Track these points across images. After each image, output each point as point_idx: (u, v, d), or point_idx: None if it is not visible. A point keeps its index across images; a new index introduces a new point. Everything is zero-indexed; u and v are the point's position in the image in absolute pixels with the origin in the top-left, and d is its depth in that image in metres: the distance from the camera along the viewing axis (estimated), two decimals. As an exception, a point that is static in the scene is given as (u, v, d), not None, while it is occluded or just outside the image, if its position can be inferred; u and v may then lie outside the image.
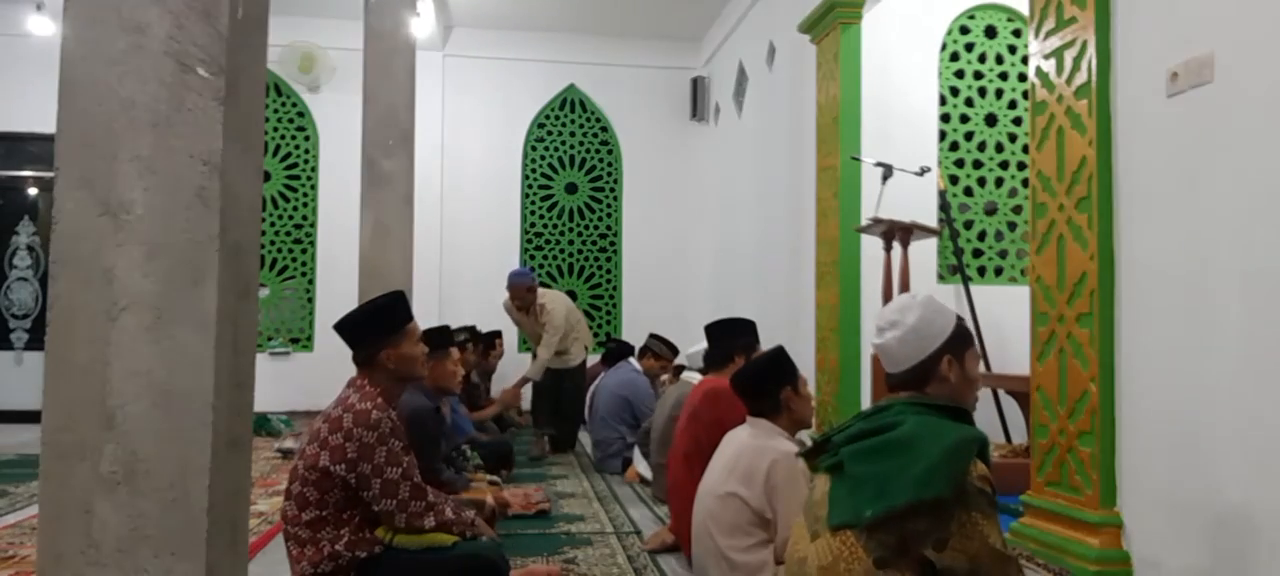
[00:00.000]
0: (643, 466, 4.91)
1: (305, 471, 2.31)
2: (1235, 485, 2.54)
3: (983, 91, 5.44)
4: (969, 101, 5.43)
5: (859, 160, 4.80)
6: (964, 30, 5.42)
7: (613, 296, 8.81)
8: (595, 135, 8.82)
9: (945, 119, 5.39)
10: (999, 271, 5.47)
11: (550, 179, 8.75)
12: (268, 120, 8.15)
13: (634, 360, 5.98)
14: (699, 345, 4.24)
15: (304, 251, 8.23)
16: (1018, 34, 5.42)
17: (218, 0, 1.43)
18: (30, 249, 7.94)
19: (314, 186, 8.26)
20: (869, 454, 1.71)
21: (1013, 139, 5.46)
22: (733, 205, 7.64)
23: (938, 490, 1.58)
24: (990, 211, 5.48)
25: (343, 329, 2.50)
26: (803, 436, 2.96)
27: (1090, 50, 3.05)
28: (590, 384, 6.26)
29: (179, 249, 1.41)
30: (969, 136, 5.43)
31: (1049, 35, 3.27)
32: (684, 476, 3.24)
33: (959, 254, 5.25)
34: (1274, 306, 2.42)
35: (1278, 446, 2.41)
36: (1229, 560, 2.56)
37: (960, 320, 1.90)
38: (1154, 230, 2.85)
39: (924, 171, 4.45)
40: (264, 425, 6.63)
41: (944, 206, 5.26)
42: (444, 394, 3.83)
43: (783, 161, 6.28)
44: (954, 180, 5.39)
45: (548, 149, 8.74)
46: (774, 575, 2.48)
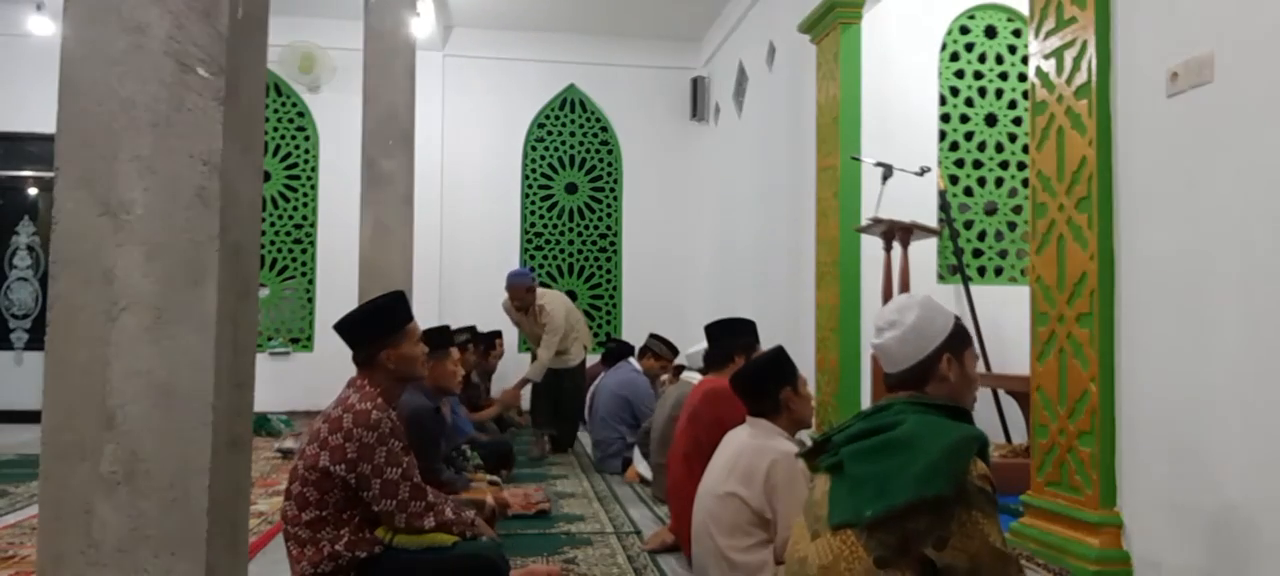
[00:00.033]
0: (643, 466, 4.91)
1: (305, 471, 2.31)
2: (1235, 485, 2.54)
3: (983, 91, 5.44)
4: (969, 101, 5.42)
5: (859, 160, 4.80)
6: (964, 30, 5.42)
7: (613, 296, 8.81)
8: (595, 135, 8.82)
9: (945, 119, 5.39)
10: (999, 271, 5.47)
11: (550, 179, 8.75)
12: (268, 120, 8.15)
13: (634, 360, 5.98)
14: (699, 345, 4.24)
15: (304, 251, 8.23)
16: (1018, 34, 5.42)
17: (218, 0, 1.43)
18: (30, 249, 7.94)
19: (314, 186, 8.26)
20: (869, 453, 1.72)
21: (1013, 139, 5.46)
22: (733, 205, 7.64)
23: (938, 488, 1.59)
24: (990, 211, 5.48)
25: (343, 329, 2.51)
26: (803, 436, 2.96)
27: (1090, 50, 3.05)
28: (590, 384, 6.26)
29: (179, 249, 1.41)
30: (969, 136, 5.43)
31: (1049, 35, 3.27)
32: (684, 476, 3.24)
33: (959, 254, 5.25)
34: (1274, 306, 2.43)
35: (1278, 446, 2.41)
36: (1229, 560, 2.56)
37: (958, 320, 1.91)
38: (1154, 230, 2.85)
39: (924, 171, 4.45)
40: (264, 425, 6.63)
41: (944, 206, 5.26)
42: (444, 394, 3.83)
43: (783, 161, 6.28)
44: (954, 180, 5.39)
45: (548, 149, 8.74)
46: (774, 575, 2.48)
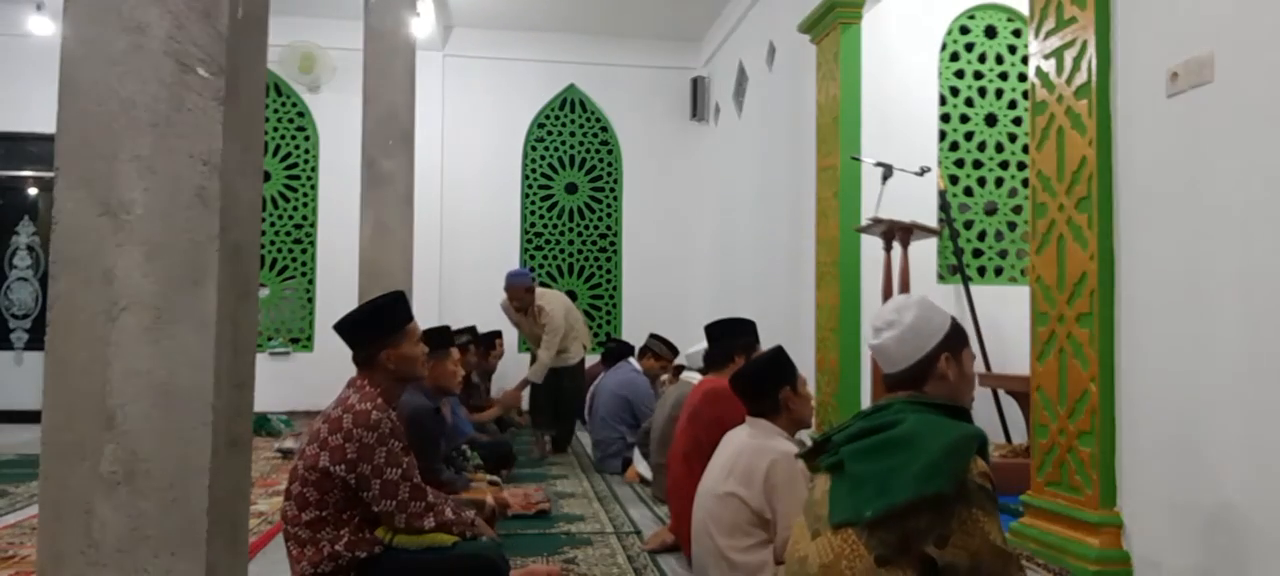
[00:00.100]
0: (643, 466, 4.91)
1: (305, 471, 2.31)
2: (1235, 485, 2.54)
3: (983, 91, 5.44)
4: (969, 101, 5.42)
5: (859, 160, 4.80)
6: (964, 30, 5.42)
7: (613, 296, 8.81)
8: (595, 135, 8.82)
9: (945, 119, 5.39)
10: (999, 271, 5.47)
11: (550, 179, 8.75)
12: (268, 120, 8.15)
13: (634, 360, 5.98)
14: (699, 345, 4.24)
15: (304, 251, 8.23)
16: (1018, 34, 5.42)
17: (218, 0, 1.43)
18: (30, 249, 7.94)
19: (314, 186, 8.26)
20: (869, 452, 1.72)
21: (1013, 139, 5.46)
22: (733, 205, 7.64)
23: (939, 486, 1.59)
24: (990, 211, 5.48)
25: (343, 329, 2.50)
26: (802, 436, 2.96)
27: (1090, 50, 3.05)
28: (590, 384, 6.27)
29: (179, 249, 1.41)
30: (969, 136, 5.43)
31: (1049, 35, 3.27)
32: (684, 476, 3.24)
33: (959, 254, 5.25)
34: (1274, 307, 2.42)
35: (1278, 446, 2.41)
36: (1229, 560, 2.56)
37: (955, 319, 1.91)
38: (1154, 230, 2.85)
39: (924, 171, 4.45)
40: (264, 425, 6.64)
41: (944, 206, 5.26)
42: (444, 394, 3.83)
43: (783, 161, 6.28)
44: (954, 180, 5.39)
45: (548, 149, 8.74)
46: (774, 575, 2.48)
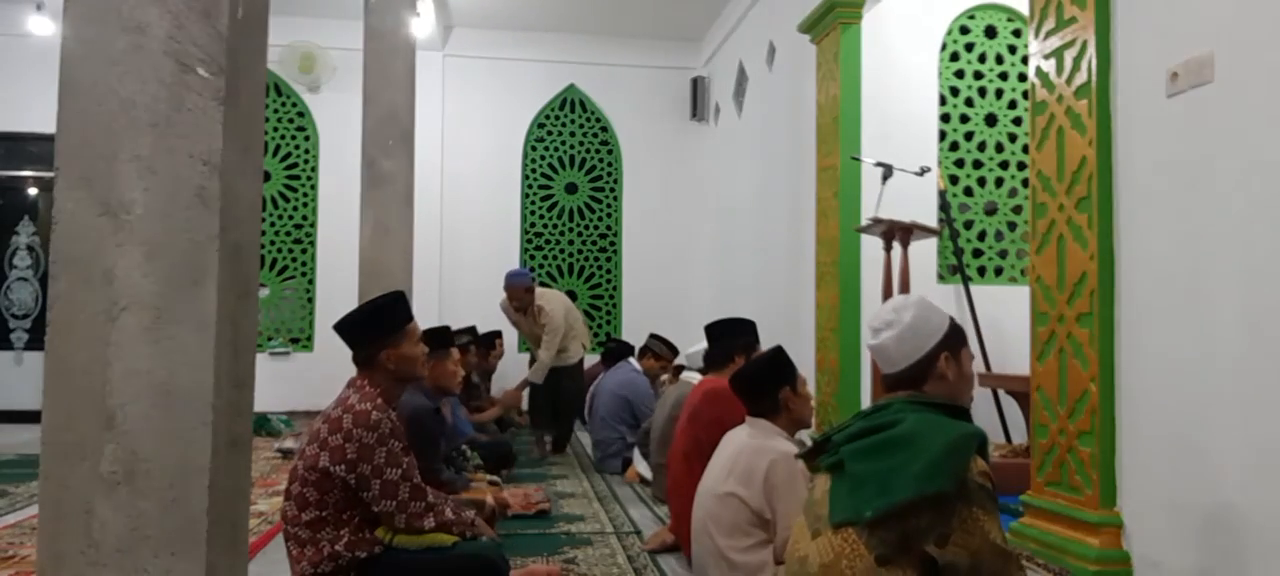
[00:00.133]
0: (643, 466, 4.91)
1: (305, 472, 2.31)
2: (1235, 485, 2.54)
3: (983, 91, 5.44)
4: (969, 101, 5.42)
5: (859, 160, 4.80)
6: (964, 30, 5.42)
7: (613, 296, 8.81)
8: (595, 135, 8.82)
9: (945, 119, 5.39)
10: (999, 271, 5.47)
11: (550, 179, 8.75)
12: (268, 120, 8.15)
13: (634, 360, 5.98)
14: (699, 345, 4.24)
15: (304, 251, 8.23)
16: (1018, 34, 5.42)
17: (218, 0, 1.43)
18: (30, 249, 7.94)
19: (314, 186, 8.26)
20: (870, 451, 1.72)
21: (1013, 139, 5.46)
22: (733, 205, 7.64)
23: (939, 485, 1.59)
24: (990, 211, 5.48)
25: (343, 329, 2.50)
26: (802, 436, 2.96)
27: (1090, 50, 3.05)
28: (590, 384, 6.26)
29: (179, 249, 1.41)
30: (969, 136, 5.43)
31: (1049, 35, 3.27)
32: (684, 476, 3.24)
33: (959, 254, 5.25)
34: (1274, 306, 2.43)
35: (1278, 447, 2.41)
36: (1229, 560, 2.56)
37: (953, 319, 1.92)
38: (1154, 230, 2.85)
39: (924, 171, 4.45)
40: (264, 425, 6.63)
41: (944, 206, 5.26)
42: (444, 394, 3.83)
43: (783, 161, 6.28)
44: (954, 180, 5.39)
45: (548, 149, 8.74)
46: (774, 574, 2.48)
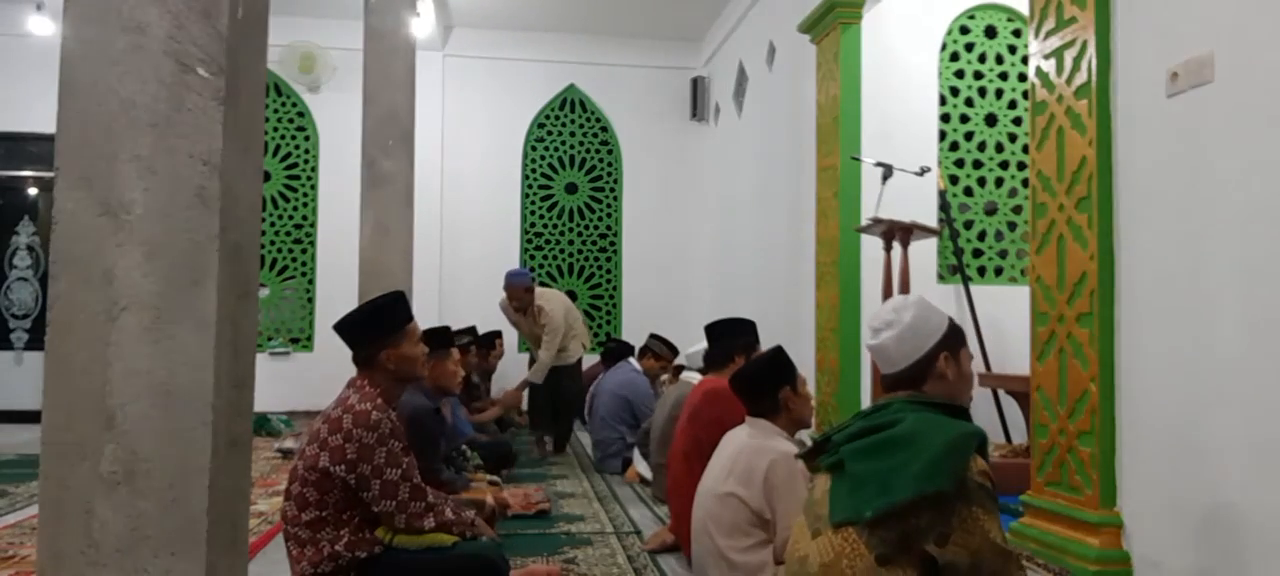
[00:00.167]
0: (643, 466, 4.91)
1: (305, 472, 2.31)
2: (1235, 485, 2.54)
3: (983, 91, 5.44)
4: (969, 101, 5.42)
5: (859, 160, 4.80)
6: (964, 30, 5.42)
7: (613, 296, 8.81)
8: (595, 135, 8.82)
9: (945, 119, 5.39)
10: (999, 271, 5.47)
11: (550, 179, 8.75)
12: (268, 120, 8.15)
13: (634, 360, 5.98)
14: (699, 345, 4.24)
15: (304, 251, 8.23)
16: (1018, 34, 5.42)
17: (218, 0, 1.43)
18: (30, 249, 7.94)
19: (314, 186, 8.26)
20: (870, 451, 1.72)
21: (1013, 139, 5.46)
22: (733, 205, 7.64)
23: (939, 484, 1.59)
24: (990, 211, 5.48)
25: (342, 329, 2.50)
26: (802, 436, 2.96)
27: (1090, 50, 3.05)
28: (590, 384, 6.26)
29: (179, 249, 1.41)
30: (969, 136, 5.43)
31: (1049, 35, 3.27)
32: (684, 476, 3.24)
33: (959, 254, 5.25)
34: (1274, 306, 2.43)
35: (1278, 446, 2.41)
36: (1229, 560, 2.56)
37: (952, 319, 1.92)
38: (1154, 230, 2.85)
39: (924, 171, 4.45)
40: (264, 425, 6.63)
41: (944, 206, 5.26)
42: (444, 394, 3.83)
43: (783, 161, 6.28)
44: (954, 180, 5.39)
45: (548, 149, 8.74)
46: (774, 574, 2.48)
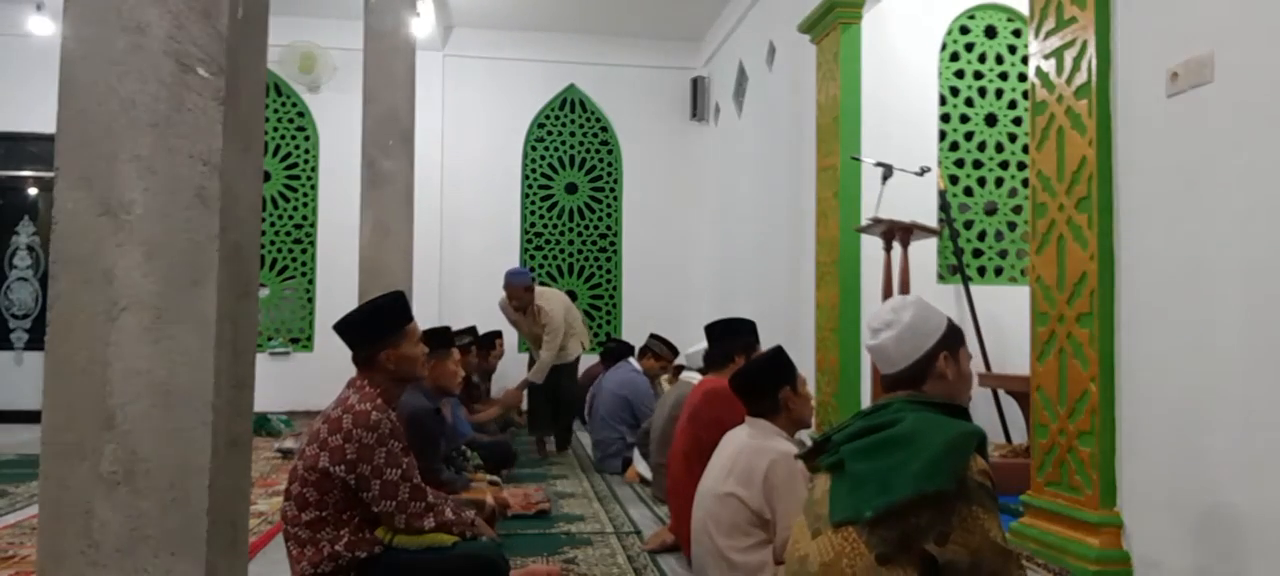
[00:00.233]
0: (643, 466, 4.91)
1: (305, 472, 2.31)
2: (1235, 485, 2.54)
3: (983, 91, 5.44)
4: (969, 101, 5.42)
5: (859, 160, 4.80)
6: (964, 30, 5.42)
7: (613, 296, 8.81)
8: (595, 135, 8.82)
9: (945, 119, 5.39)
10: (999, 271, 5.47)
11: (550, 179, 8.75)
12: (268, 120, 8.15)
13: (634, 360, 5.98)
14: (699, 345, 4.24)
15: (304, 251, 8.23)
16: (1018, 34, 5.42)
17: (218, 0, 1.43)
18: (30, 249, 7.94)
19: (314, 186, 8.26)
20: (870, 450, 1.72)
21: (1013, 139, 5.46)
22: (733, 205, 7.64)
23: (939, 483, 1.59)
24: (990, 211, 5.48)
25: (342, 329, 2.50)
26: (802, 436, 2.96)
27: (1090, 50, 3.05)
28: (589, 384, 6.26)
29: (179, 249, 1.41)
30: (969, 136, 5.43)
31: (1049, 35, 3.27)
32: (684, 476, 3.24)
33: (959, 254, 5.25)
34: (1274, 306, 2.43)
35: (1277, 446, 2.41)
36: (1229, 560, 2.56)
37: (951, 319, 1.92)
38: (1154, 230, 2.85)
39: (924, 171, 4.45)
40: (264, 425, 6.63)
41: (944, 206, 5.26)
42: (444, 394, 3.83)
43: (783, 161, 6.27)
44: (954, 180, 5.39)
45: (548, 149, 8.74)
46: (774, 574, 2.48)
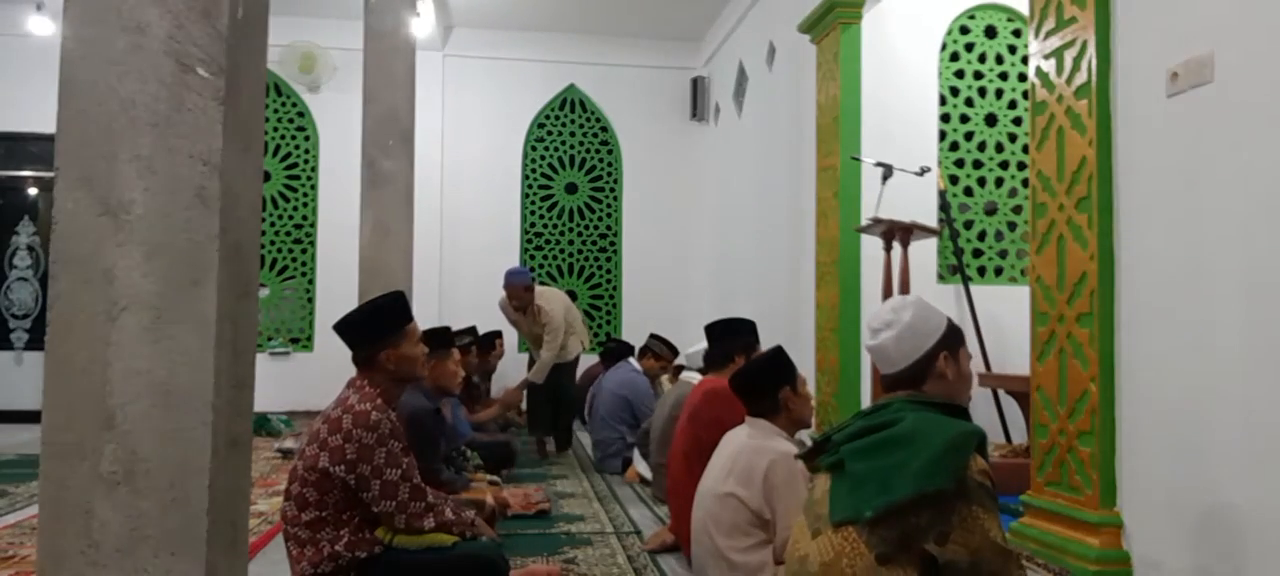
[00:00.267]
0: (643, 466, 4.91)
1: (305, 472, 2.31)
2: (1235, 485, 2.54)
3: (983, 91, 5.44)
4: (969, 101, 5.42)
5: (859, 160, 4.80)
6: (964, 30, 5.42)
7: (613, 296, 8.81)
8: (595, 135, 8.82)
9: (945, 119, 5.39)
10: (999, 271, 5.47)
11: (550, 179, 8.75)
12: (268, 120, 8.15)
13: (634, 360, 5.98)
14: (699, 345, 4.24)
15: (304, 251, 8.23)
16: (1018, 34, 5.42)
17: (218, 0, 1.43)
18: (30, 249, 7.93)
19: (314, 186, 8.26)
20: (870, 450, 1.72)
21: (1013, 139, 5.46)
22: (733, 205, 7.64)
23: (939, 483, 1.59)
24: (990, 211, 5.48)
25: (342, 329, 2.50)
26: (802, 436, 2.96)
27: (1090, 50, 3.05)
28: (589, 384, 6.26)
29: (179, 249, 1.41)
30: (969, 136, 5.43)
31: (1049, 35, 3.27)
32: (684, 476, 3.24)
33: (959, 254, 5.25)
34: (1274, 306, 2.43)
35: (1278, 446, 2.41)
36: (1229, 560, 2.56)
37: (950, 319, 1.92)
38: (1154, 230, 2.85)
39: (924, 171, 4.45)
40: (264, 425, 6.63)
41: (944, 206, 5.26)
42: (444, 394, 3.83)
43: (783, 161, 6.27)
44: (954, 180, 5.39)
45: (548, 149, 8.74)
46: (774, 574, 2.48)
